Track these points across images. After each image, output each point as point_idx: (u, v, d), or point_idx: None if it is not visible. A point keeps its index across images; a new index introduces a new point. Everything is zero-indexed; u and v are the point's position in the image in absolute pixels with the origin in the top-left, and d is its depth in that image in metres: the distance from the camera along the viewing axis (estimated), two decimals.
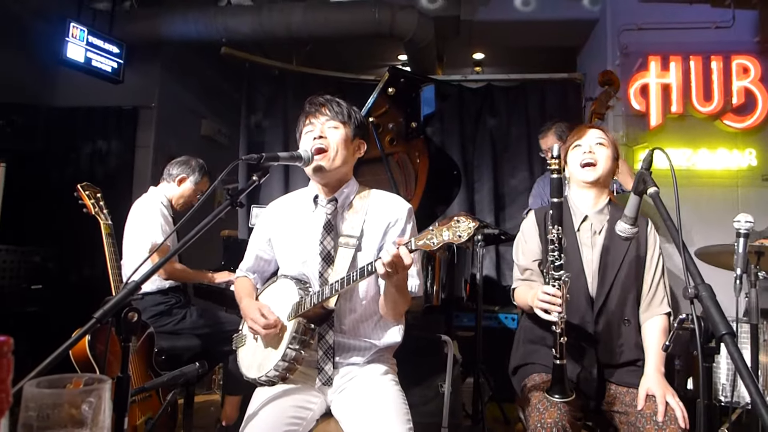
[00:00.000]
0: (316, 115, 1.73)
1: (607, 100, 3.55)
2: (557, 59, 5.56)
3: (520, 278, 2.01)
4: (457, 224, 1.34)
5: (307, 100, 1.77)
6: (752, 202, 4.25)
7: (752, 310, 2.18)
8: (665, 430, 1.58)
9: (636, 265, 1.88)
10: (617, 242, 1.86)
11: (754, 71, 4.36)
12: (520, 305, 1.98)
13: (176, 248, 1.34)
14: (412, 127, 3.40)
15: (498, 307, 4.16)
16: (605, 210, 1.96)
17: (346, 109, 1.76)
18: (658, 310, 1.87)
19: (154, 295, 2.86)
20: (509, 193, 5.09)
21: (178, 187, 3.04)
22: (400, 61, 6.16)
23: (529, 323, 1.99)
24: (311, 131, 1.72)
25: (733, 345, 0.89)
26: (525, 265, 1.99)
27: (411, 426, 1.55)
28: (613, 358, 1.85)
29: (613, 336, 1.86)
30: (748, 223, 1.94)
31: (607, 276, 1.86)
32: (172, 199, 3.03)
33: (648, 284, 1.89)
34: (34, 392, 0.70)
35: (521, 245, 2.04)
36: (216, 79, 6.11)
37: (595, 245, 1.91)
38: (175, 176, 3.04)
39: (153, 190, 3.03)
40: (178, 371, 1.60)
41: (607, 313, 1.86)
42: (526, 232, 2.03)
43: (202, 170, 3.09)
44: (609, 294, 1.86)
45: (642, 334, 1.88)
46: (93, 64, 4.51)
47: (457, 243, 1.35)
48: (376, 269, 1.45)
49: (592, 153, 1.93)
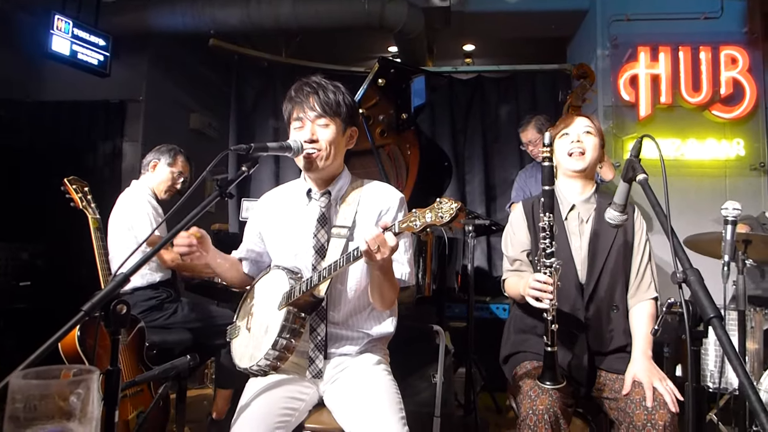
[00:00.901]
0: (304, 109, 1.67)
1: (583, 92, 3.61)
2: (547, 50, 5.56)
3: (509, 269, 2.03)
4: (440, 206, 1.34)
5: (294, 86, 1.72)
6: (740, 191, 4.29)
7: (739, 296, 2.21)
8: (654, 415, 1.59)
9: (624, 251, 1.90)
10: (605, 230, 1.87)
11: (742, 62, 4.38)
12: (511, 295, 1.99)
13: (166, 238, 1.32)
14: (403, 118, 3.39)
15: (489, 298, 4.18)
16: (592, 198, 1.97)
17: (334, 97, 1.68)
18: (645, 295, 1.89)
19: (145, 290, 2.84)
20: (500, 184, 5.11)
21: (153, 174, 3.03)
22: (391, 53, 6.13)
23: (520, 312, 2.01)
24: (300, 128, 1.68)
25: (721, 328, 0.90)
26: (514, 255, 2.01)
27: (403, 415, 1.55)
28: (603, 344, 1.87)
29: (603, 323, 1.88)
30: (735, 210, 1.97)
31: (596, 263, 1.88)
32: (153, 188, 3.01)
33: (635, 270, 1.91)
34: (20, 384, 0.69)
35: (510, 236, 2.05)
36: (205, 72, 6.05)
37: (583, 233, 1.92)
38: (148, 164, 3.04)
39: (135, 183, 3.02)
40: (169, 364, 1.60)
41: (597, 300, 1.87)
42: (514, 224, 2.05)
43: (172, 151, 3.07)
44: (598, 281, 1.87)
45: (630, 319, 1.90)
46: (79, 57, 4.44)
47: (439, 224, 1.34)
48: (359, 253, 1.44)
49: (580, 142, 1.94)
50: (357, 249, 1.46)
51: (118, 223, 2.85)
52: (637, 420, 1.62)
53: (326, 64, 5.35)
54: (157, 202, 2.99)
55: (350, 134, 1.78)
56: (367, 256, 1.42)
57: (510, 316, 2.11)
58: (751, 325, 2.81)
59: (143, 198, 2.89)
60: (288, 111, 1.73)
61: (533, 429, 1.60)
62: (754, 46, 4.44)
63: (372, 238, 1.38)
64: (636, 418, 1.62)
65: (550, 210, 1.69)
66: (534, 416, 1.60)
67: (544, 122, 3.67)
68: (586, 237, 1.92)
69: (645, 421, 1.60)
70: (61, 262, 4.47)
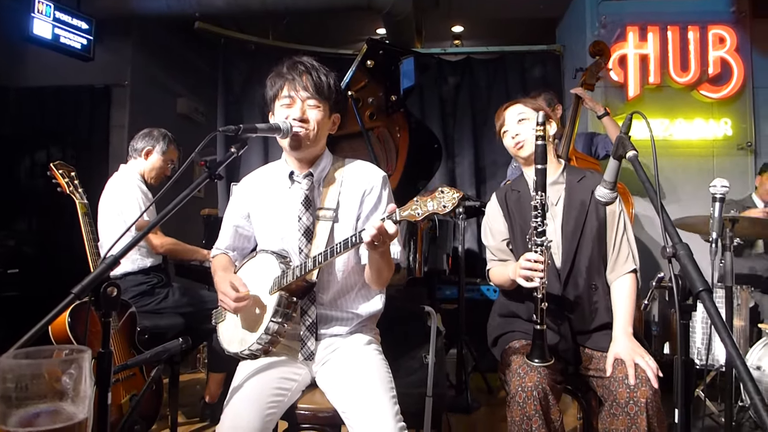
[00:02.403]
0: (296, 87, 1.65)
1: (597, 71, 3.55)
2: (536, 31, 5.54)
3: (493, 259, 2.05)
4: (442, 195, 1.35)
5: (287, 62, 1.69)
6: (727, 171, 4.32)
7: (727, 273, 2.23)
8: (636, 393, 1.60)
9: (597, 229, 1.89)
10: (575, 210, 1.89)
11: (729, 41, 4.40)
12: (497, 284, 2.01)
13: (155, 221, 1.31)
14: (392, 100, 3.36)
15: (480, 279, 4.21)
16: (561, 178, 1.97)
17: (326, 81, 1.67)
18: (623, 268, 1.88)
19: (136, 275, 2.83)
20: (489, 166, 5.12)
21: (146, 161, 2.98)
22: (379, 35, 6.07)
23: (504, 300, 2.04)
24: (290, 106, 1.66)
25: (710, 300, 0.91)
26: (495, 245, 2.03)
27: (395, 394, 1.56)
28: (585, 323, 1.88)
29: (584, 303, 1.88)
30: (724, 187, 1.98)
31: (570, 245, 1.88)
32: (144, 173, 2.98)
33: (611, 244, 1.90)
34: (11, 363, 0.68)
35: (488, 227, 2.07)
36: (191, 56, 5.97)
37: (555, 216, 1.93)
38: (140, 150, 2.98)
39: (124, 168, 2.98)
40: (161, 347, 1.60)
41: (575, 282, 1.88)
42: (490, 215, 2.07)
43: (166, 138, 3.02)
44: (573, 263, 1.88)
45: (611, 293, 1.90)
46: (61, 40, 4.36)
47: (442, 213, 1.36)
48: (360, 240, 1.45)
49: (518, 134, 1.96)
50: (354, 235, 1.46)
51: (107, 209, 2.83)
52: (620, 397, 1.64)
53: (314, 47, 5.30)
54: (147, 186, 2.96)
55: (334, 120, 1.76)
56: (369, 246, 1.44)
57: (495, 302, 2.13)
58: (737, 302, 2.86)
59: (133, 183, 2.86)
60: (277, 87, 1.69)
61: (522, 405, 1.61)
62: (741, 25, 4.45)
63: (375, 233, 1.39)
64: (619, 395, 1.64)
65: (542, 188, 1.69)
66: (523, 393, 1.62)
67: (552, 97, 3.58)
68: (558, 220, 1.92)
69: (627, 398, 1.61)
70: (50, 249, 4.44)
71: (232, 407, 1.49)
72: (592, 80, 3.52)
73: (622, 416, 1.62)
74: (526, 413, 1.61)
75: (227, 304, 1.61)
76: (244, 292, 1.60)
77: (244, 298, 1.60)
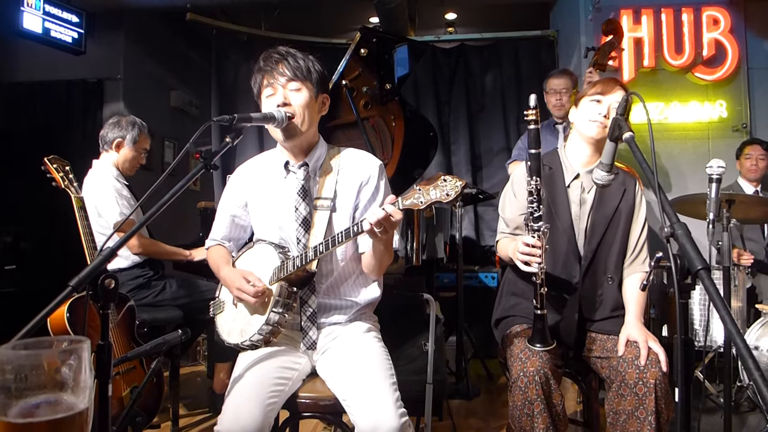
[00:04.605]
0: (274, 75, 1.64)
1: (610, 49, 3.30)
2: (529, 17, 5.50)
3: (504, 231, 2.01)
4: (444, 183, 1.35)
5: (262, 56, 1.69)
6: (723, 153, 4.30)
7: (724, 253, 2.24)
8: (646, 374, 1.62)
9: (624, 224, 1.90)
10: (607, 201, 1.88)
11: (723, 23, 4.37)
12: (503, 257, 1.98)
13: (150, 213, 1.30)
14: (387, 89, 3.35)
15: (478, 267, 4.22)
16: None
17: (304, 63, 1.66)
18: (639, 268, 1.92)
19: (131, 269, 2.80)
20: (485, 154, 5.12)
21: (118, 153, 2.86)
22: (372, 24, 6.03)
23: (513, 276, 2.01)
24: (272, 95, 1.64)
25: (708, 279, 0.91)
26: (511, 217, 1.97)
27: (395, 381, 1.56)
28: (594, 313, 1.90)
29: (597, 292, 1.90)
30: (720, 168, 1.99)
31: (595, 234, 1.88)
32: (118, 165, 2.86)
33: (633, 244, 1.93)
34: (9, 354, 0.68)
35: (509, 197, 1.99)
36: (183, 49, 5.92)
37: (584, 202, 1.91)
38: (110, 142, 2.85)
39: (97, 164, 2.85)
40: (161, 339, 1.59)
41: (594, 270, 1.89)
42: (516, 183, 1.96)
43: (136, 126, 2.88)
44: (596, 251, 1.88)
45: (623, 287, 1.93)
46: (52, 34, 4.32)
47: (445, 201, 1.35)
48: (361, 230, 1.45)
49: (607, 117, 1.81)
50: (356, 225, 1.47)
51: (89, 207, 2.77)
52: (629, 378, 1.65)
53: (307, 37, 5.26)
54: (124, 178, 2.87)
55: (322, 101, 1.73)
56: (371, 234, 1.44)
57: (503, 279, 2.10)
58: (734, 283, 2.87)
59: (107, 179, 2.76)
60: (258, 82, 1.69)
61: (524, 390, 1.62)
62: (735, 7, 4.43)
63: (377, 221, 1.39)
64: (628, 376, 1.66)
65: (537, 174, 1.68)
66: (525, 377, 1.63)
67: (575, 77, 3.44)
68: (587, 206, 1.91)
69: (637, 379, 1.63)
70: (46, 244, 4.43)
71: (234, 398, 1.50)
72: (604, 60, 3.27)
73: (630, 396, 1.64)
74: (528, 398, 1.61)
75: (247, 299, 1.61)
76: (261, 286, 1.60)
77: (263, 292, 1.60)
